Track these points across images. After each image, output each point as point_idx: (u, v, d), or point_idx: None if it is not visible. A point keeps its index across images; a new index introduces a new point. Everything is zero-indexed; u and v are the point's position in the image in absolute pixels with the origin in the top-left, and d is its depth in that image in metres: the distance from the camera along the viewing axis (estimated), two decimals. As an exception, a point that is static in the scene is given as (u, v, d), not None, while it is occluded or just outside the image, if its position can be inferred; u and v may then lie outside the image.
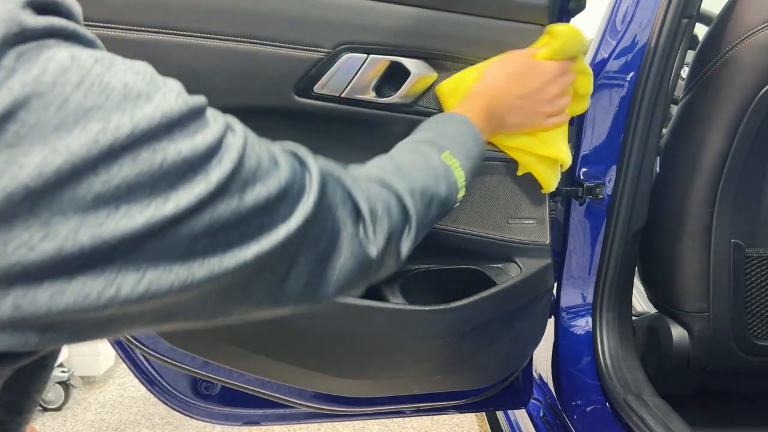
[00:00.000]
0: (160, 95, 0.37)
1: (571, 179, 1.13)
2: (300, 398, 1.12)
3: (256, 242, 0.40)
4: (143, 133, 0.34)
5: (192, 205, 0.36)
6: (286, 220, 0.43)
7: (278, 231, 0.42)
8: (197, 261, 0.37)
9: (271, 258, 0.42)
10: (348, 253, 0.50)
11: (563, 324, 1.20)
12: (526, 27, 0.87)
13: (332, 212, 0.49)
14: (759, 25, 0.99)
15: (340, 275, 0.50)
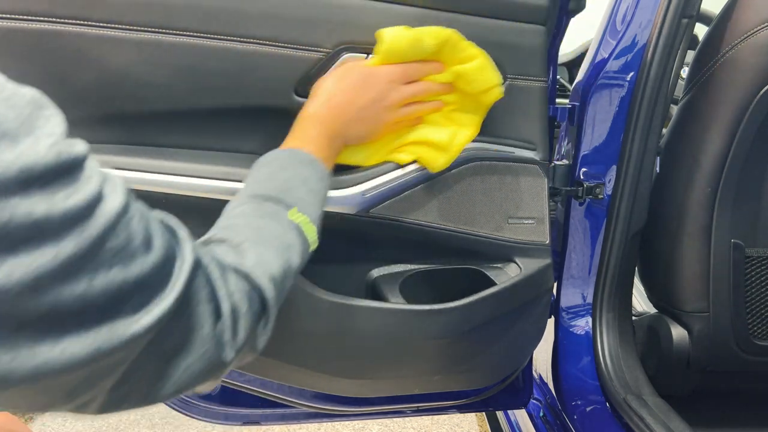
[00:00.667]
0: (31, 140, 0.31)
1: (571, 179, 1.13)
2: (300, 398, 1.12)
3: (94, 335, 0.34)
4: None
5: (27, 279, 0.30)
6: (137, 313, 0.37)
7: (126, 326, 0.36)
8: (21, 349, 0.31)
9: (111, 356, 0.35)
10: (198, 354, 0.45)
11: (563, 324, 1.20)
12: (526, 27, 0.87)
13: (192, 309, 0.44)
14: (759, 25, 0.99)
15: (183, 376, 0.44)
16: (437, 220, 0.90)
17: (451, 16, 0.83)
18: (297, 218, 0.62)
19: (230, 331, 0.49)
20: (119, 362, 0.38)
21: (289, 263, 0.59)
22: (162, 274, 0.40)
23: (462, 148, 0.87)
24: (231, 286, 0.50)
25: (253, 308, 0.53)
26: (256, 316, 0.54)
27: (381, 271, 0.98)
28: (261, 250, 0.57)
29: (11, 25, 0.69)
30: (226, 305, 0.48)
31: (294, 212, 0.62)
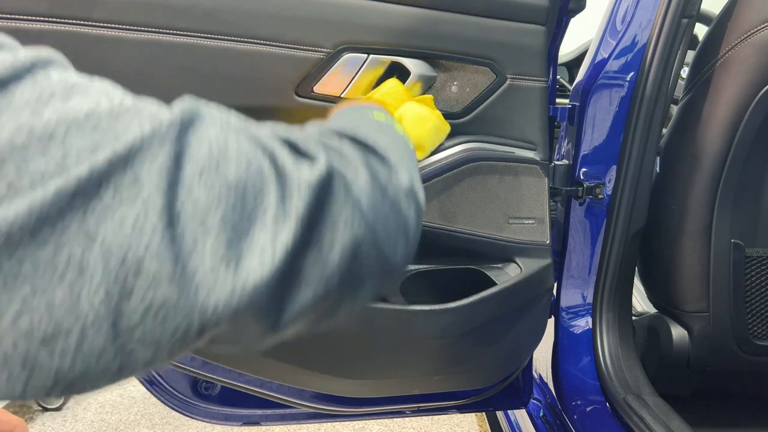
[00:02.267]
0: None
1: (571, 179, 1.13)
2: (300, 398, 1.12)
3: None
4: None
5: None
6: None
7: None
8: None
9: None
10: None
11: (563, 324, 1.20)
12: (527, 27, 0.87)
13: (235, 133, 0.36)
14: (759, 25, 0.99)
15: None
16: (437, 220, 0.90)
17: (451, 16, 0.83)
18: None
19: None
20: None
21: (374, 122, 0.54)
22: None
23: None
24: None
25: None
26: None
27: None
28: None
29: (11, 25, 0.69)
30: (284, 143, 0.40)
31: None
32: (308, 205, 0.36)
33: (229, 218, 0.33)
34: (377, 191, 0.42)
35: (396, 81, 0.81)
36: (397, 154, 0.49)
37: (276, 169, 0.36)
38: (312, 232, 0.36)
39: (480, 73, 0.87)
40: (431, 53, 0.84)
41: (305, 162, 0.38)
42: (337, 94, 0.82)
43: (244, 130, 0.37)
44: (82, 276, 0.29)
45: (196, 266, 0.31)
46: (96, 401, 2.41)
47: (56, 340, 0.29)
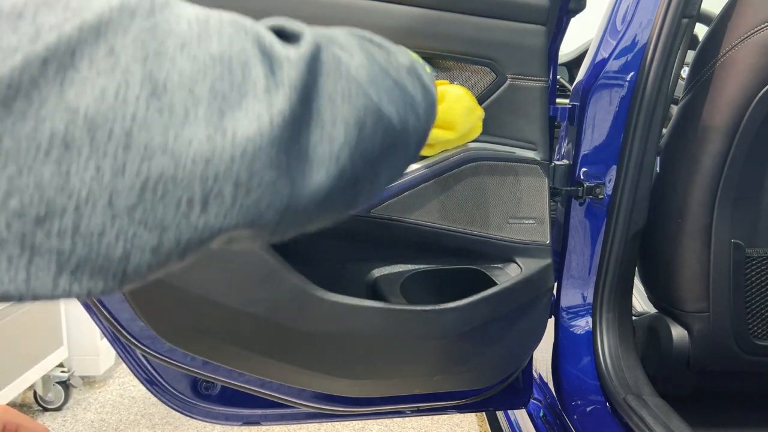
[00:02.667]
0: None
1: (571, 179, 1.13)
2: (300, 398, 1.12)
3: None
4: None
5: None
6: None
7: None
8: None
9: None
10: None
11: (563, 324, 1.20)
12: (527, 27, 0.87)
13: (216, 12, 0.35)
14: (759, 25, 0.99)
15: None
16: (437, 220, 0.90)
17: (451, 16, 0.83)
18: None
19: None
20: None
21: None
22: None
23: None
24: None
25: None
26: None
27: (381, 271, 0.98)
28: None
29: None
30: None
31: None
32: (301, 74, 0.35)
33: (219, 88, 0.32)
34: (376, 68, 0.41)
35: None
36: (399, 48, 0.47)
37: (261, 46, 0.35)
38: (309, 105, 0.35)
39: (480, 73, 0.87)
40: (431, 53, 0.84)
41: (292, 42, 0.37)
42: (337, 94, 0.82)
43: (225, 13, 0.36)
44: (68, 151, 0.28)
45: (190, 136, 0.30)
46: (96, 401, 2.41)
47: (51, 220, 0.28)
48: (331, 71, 0.38)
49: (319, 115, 0.36)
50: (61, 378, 2.30)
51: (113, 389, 2.50)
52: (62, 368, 2.33)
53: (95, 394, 2.46)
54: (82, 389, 2.48)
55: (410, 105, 0.45)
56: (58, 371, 2.30)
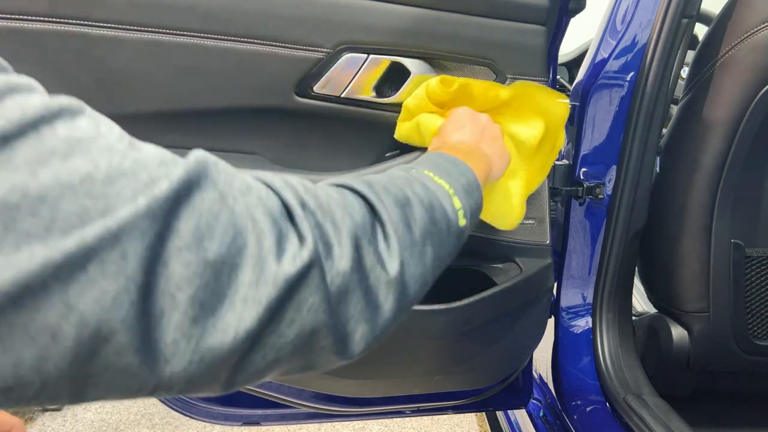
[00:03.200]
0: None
1: (571, 179, 1.13)
2: (300, 398, 1.12)
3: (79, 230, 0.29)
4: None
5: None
6: (134, 198, 0.31)
7: (116, 212, 0.30)
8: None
9: (107, 248, 0.30)
10: (269, 266, 0.36)
11: (563, 324, 1.20)
12: (527, 27, 0.87)
13: (229, 203, 0.36)
14: (759, 25, 0.99)
15: (253, 310, 0.35)
16: (437, 220, 0.90)
17: (451, 16, 0.83)
18: (421, 172, 0.54)
19: (309, 225, 0.39)
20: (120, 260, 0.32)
21: (411, 191, 0.49)
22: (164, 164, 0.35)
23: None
24: (292, 183, 0.41)
25: (350, 208, 0.42)
26: (360, 215, 0.43)
27: None
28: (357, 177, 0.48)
29: (11, 25, 0.69)
30: (291, 197, 0.39)
31: (417, 170, 0.54)
32: (280, 293, 0.36)
33: (200, 296, 0.33)
34: (354, 276, 0.41)
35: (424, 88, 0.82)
36: (409, 236, 0.46)
37: (259, 250, 0.36)
38: (276, 314, 0.37)
39: (480, 73, 0.87)
40: (431, 53, 0.84)
41: (290, 247, 0.37)
42: (337, 94, 0.82)
43: (245, 191, 0.37)
44: (54, 341, 0.29)
45: (158, 337, 0.32)
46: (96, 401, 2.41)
47: (14, 391, 0.29)
48: (311, 289, 0.38)
49: (281, 318, 0.37)
50: (61, 378, 2.30)
51: (113, 389, 2.50)
52: (62, 368, 2.33)
53: (95, 394, 2.46)
54: (82, 389, 2.48)
55: (369, 318, 0.44)
56: (58, 371, 2.30)
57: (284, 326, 0.37)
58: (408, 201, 0.48)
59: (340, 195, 0.44)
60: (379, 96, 0.84)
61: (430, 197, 0.51)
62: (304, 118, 0.82)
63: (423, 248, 0.48)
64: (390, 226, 0.45)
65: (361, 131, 0.86)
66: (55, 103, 0.33)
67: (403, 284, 0.45)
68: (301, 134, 0.86)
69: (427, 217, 0.49)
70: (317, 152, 0.87)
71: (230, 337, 0.34)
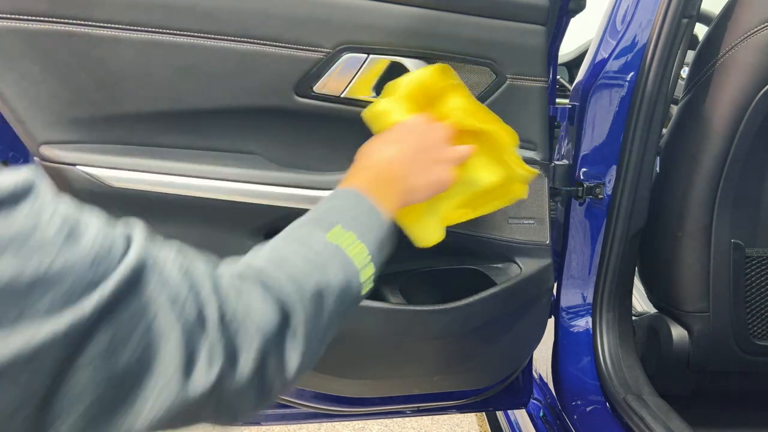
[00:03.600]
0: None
1: (571, 179, 1.13)
2: (300, 398, 1.12)
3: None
4: None
5: None
6: (57, 312, 0.31)
7: (38, 327, 0.30)
8: None
9: (21, 363, 0.30)
10: (173, 385, 0.36)
11: (563, 324, 1.20)
12: (527, 27, 0.87)
13: (150, 314, 0.35)
14: (759, 25, 0.99)
15: (151, 414, 0.35)
16: (437, 220, 0.90)
17: (451, 16, 0.83)
18: (338, 238, 0.54)
19: (221, 344, 0.40)
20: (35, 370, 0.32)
21: (324, 279, 0.50)
22: (101, 265, 0.34)
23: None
24: (220, 288, 0.42)
25: (260, 314, 0.44)
26: (272, 324, 0.44)
27: (381, 271, 0.98)
28: (279, 261, 0.50)
29: (11, 25, 0.69)
30: (212, 310, 0.40)
31: (337, 230, 0.55)
32: (180, 407, 0.37)
33: (99, 404, 0.33)
34: (254, 380, 0.42)
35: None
36: (316, 329, 0.48)
37: (166, 368, 0.36)
38: (174, 420, 0.38)
39: (480, 73, 0.87)
40: (431, 53, 0.84)
41: (199, 367, 0.38)
42: (337, 94, 0.82)
43: (171, 302, 0.37)
44: None
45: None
46: (96, 401, 2.41)
47: None
48: (210, 401, 0.40)
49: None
50: (61, 378, 2.30)
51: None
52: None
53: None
54: (82, 389, 2.48)
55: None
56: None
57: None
58: (321, 295, 0.50)
59: (262, 302, 0.45)
60: (379, 96, 0.84)
61: (343, 280, 0.53)
62: (304, 118, 0.82)
63: (326, 333, 0.51)
64: (301, 329, 0.47)
65: (361, 131, 0.86)
66: (2, 188, 0.32)
67: (298, 373, 0.47)
68: (300, 134, 0.86)
69: (338, 304, 0.52)
70: (317, 152, 0.87)
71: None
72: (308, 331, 0.47)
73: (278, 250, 0.52)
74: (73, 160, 0.74)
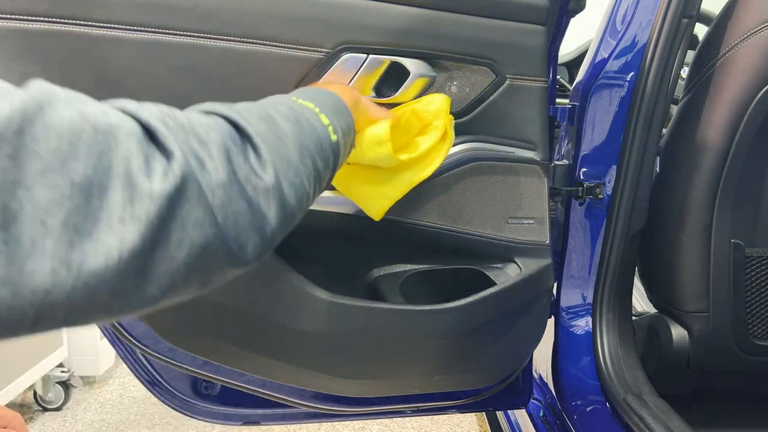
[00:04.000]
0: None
1: (571, 179, 1.13)
2: (300, 398, 1.12)
3: None
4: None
5: None
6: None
7: None
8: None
9: None
10: (141, 186, 0.34)
11: (563, 324, 1.20)
12: (526, 27, 0.87)
13: (93, 120, 0.34)
14: (759, 25, 0.99)
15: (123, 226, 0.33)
16: (437, 220, 0.90)
17: (451, 16, 0.83)
18: (304, 103, 0.56)
19: (172, 138, 0.38)
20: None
21: (276, 111, 0.50)
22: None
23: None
24: (174, 112, 0.41)
25: (211, 126, 0.42)
26: (224, 130, 0.43)
27: (381, 271, 0.98)
28: (242, 107, 0.48)
29: (11, 25, 0.69)
30: (147, 116, 0.38)
31: (300, 101, 0.56)
32: (160, 210, 0.35)
33: (72, 219, 0.32)
34: (233, 187, 0.41)
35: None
36: (279, 146, 0.47)
37: (127, 170, 0.34)
38: (160, 234, 0.36)
39: (480, 73, 0.87)
40: (431, 53, 0.84)
41: (159, 165, 0.36)
42: (337, 94, 0.82)
43: (103, 113, 0.36)
44: None
45: (33, 268, 0.30)
46: (96, 401, 2.41)
47: None
48: (191, 203, 0.38)
49: (167, 239, 0.36)
50: (61, 378, 2.30)
51: (113, 389, 2.50)
52: (62, 368, 2.33)
53: (95, 394, 2.46)
54: (82, 389, 2.48)
55: (257, 227, 0.44)
56: (58, 371, 2.30)
57: (173, 248, 0.37)
58: (273, 119, 0.48)
59: (202, 116, 0.43)
60: (379, 96, 0.84)
61: (296, 115, 0.52)
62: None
63: (298, 160, 0.49)
64: (258, 138, 0.45)
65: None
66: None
67: (282, 192, 0.45)
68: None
69: (296, 130, 0.50)
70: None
71: (114, 259, 0.33)
72: (271, 148, 0.45)
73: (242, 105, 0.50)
74: (73, 160, 0.74)
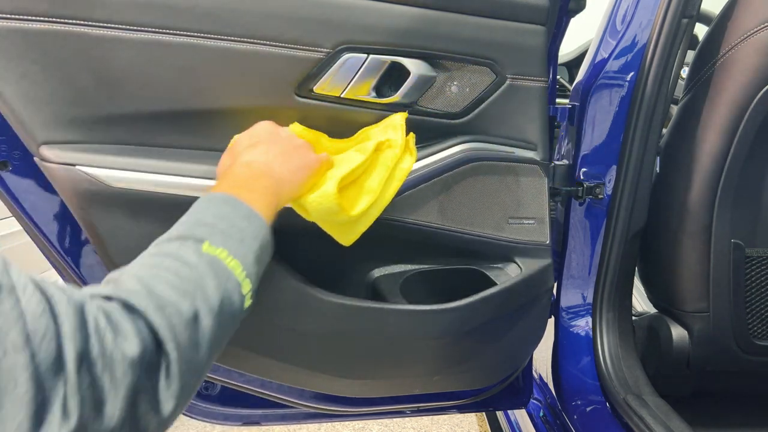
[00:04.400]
0: None
1: (571, 179, 1.13)
2: (300, 398, 1.12)
3: None
4: None
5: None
6: None
7: None
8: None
9: None
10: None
11: (563, 324, 1.20)
12: (527, 27, 0.87)
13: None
14: (758, 25, 0.99)
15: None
16: (437, 220, 0.90)
17: (451, 16, 0.83)
18: (213, 250, 0.53)
19: (83, 389, 0.36)
20: None
21: (202, 297, 0.48)
22: None
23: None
24: (86, 319, 0.39)
25: (131, 351, 0.40)
26: (144, 360, 0.41)
27: (381, 271, 0.98)
28: (149, 282, 0.46)
29: (11, 25, 0.69)
30: (71, 348, 0.36)
31: (207, 245, 0.53)
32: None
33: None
34: (124, 428, 0.40)
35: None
36: (193, 357, 0.46)
37: (11, 421, 0.33)
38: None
39: (480, 73, 0.87)
40: (431, 53, 0.84)
41: (52, 420, 0.35)
42: (337, 94, 0.82)
43: (19, 347, 0.34)
44: None
45: None
46: (96, 401, 2.41)
47: None
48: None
49: None
50: (61, 378, 2.30)
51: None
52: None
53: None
54: (82, 389, 2.48)
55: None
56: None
57: None
58: (197, 317, 0.47)
59: (133, 336, 0.41)
60: (379, 96, 0.84)
61: (221, 295, 0.50)
62: (304, 118, 0.82)
63: (206, 360, 0.48)
64: (175, 364, 0.44)
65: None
66: None
67: (176, 412, 0.45)
68: (301, 134, 0.86)
69: (215, 324, 0.49)
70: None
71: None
72: (184, 366, 0.44)
73: (149, 267, 0.49)
74: (73, 160, 0.74)
